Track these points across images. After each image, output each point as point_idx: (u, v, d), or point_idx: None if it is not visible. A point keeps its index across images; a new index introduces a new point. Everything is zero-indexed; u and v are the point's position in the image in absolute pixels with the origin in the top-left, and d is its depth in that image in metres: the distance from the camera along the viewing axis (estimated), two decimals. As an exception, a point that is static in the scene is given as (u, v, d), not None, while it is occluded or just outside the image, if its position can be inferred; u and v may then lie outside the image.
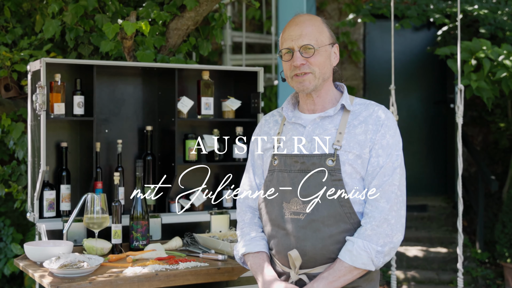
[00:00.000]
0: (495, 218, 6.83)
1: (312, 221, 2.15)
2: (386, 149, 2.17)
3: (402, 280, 6.21)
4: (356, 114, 2.24)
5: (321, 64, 2.22)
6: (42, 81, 3.07)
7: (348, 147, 2.17)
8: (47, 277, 2.54)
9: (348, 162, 2.16)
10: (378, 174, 2.15)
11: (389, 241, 2.13)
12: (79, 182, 3.35)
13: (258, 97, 3.54)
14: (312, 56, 2.20)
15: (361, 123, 2.21)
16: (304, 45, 2.20)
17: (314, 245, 2.15)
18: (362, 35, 7.92)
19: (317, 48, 2.21)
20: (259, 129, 2.43)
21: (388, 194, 2.15)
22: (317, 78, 2.22)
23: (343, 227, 2.15)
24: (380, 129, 2.19)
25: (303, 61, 2.21)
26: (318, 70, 2.22)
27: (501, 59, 5.23)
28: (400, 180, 2.18)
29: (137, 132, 3.49)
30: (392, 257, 2.16)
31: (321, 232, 2.15)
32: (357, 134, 2.19)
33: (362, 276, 2.17)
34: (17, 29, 4.15)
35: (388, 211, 2.14)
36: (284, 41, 2.25)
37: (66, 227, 2.99)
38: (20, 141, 4.06)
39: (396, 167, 2.17)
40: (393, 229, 2.14)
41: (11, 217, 5.40)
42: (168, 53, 3.84)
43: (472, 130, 7.75)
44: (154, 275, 2.59)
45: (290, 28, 2.25)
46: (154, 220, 3.31)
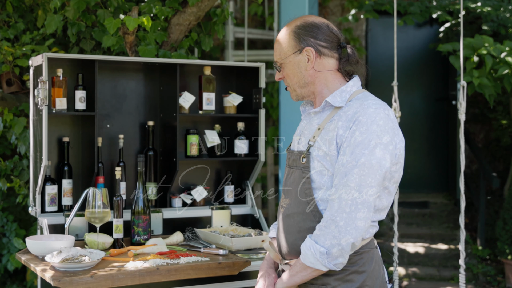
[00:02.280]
0: (496, 215, 6.83)
1: (287, 216, 2.24)
2: (352, 147, 2.07)
3: (403, 276, 6.22)
4: (344, 110, 2.16)
5: (290, 75, 2.28)
6: (44, 76, 3.07)
7: (319, 143, 2.16)
8: (48, 271, 2.55)
9: (318, 159, 2.15)
10: (339, 173, 2.08)
11: (336, 243, 2.04)
12: (81, 177, 3.36)
13: (260, 93, 3.54)
14: (282, 71, 2.30)
15: (341, 117, 2.14)
16: (275, 61, 2.31)
17: (286, 238, 2.24)
18: (364, 31, 7.91)
19: (281, 63, 2.29)
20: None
21: (340, 194, 2.06)
22: (294, 90, 2.30)
23: (309, 224, 2.16)
24: (351, 125, 2.09)
25: (280, 75, 2.32)
26: (291, 81, 2.29)
27: (504, 56, 5.23)
28: (360, 180, 2.04)
29: (139, 127, 3.50)
30: (346, 259, 2.08)
31: (291, 227, 2.22)
32: (329, 130, 2.15)
33: (334, 275, 2.13)
34: (19, 24, 4.16)
35: (337, 212, 2.05)
36: None
37: (68, 221, 3.00)
38: (22, 136, 4.07)
39: (354, 167, 2.05)
40: (341, 231, 2.04)
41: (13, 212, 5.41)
42: (170, 49, 3.85)
43: (474, 127, 7.74)
44: (155, 270, 2.60)
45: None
46: (156, 215, 3.31)
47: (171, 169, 3.41)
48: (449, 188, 7.67)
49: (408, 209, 7.18)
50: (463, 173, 3.92)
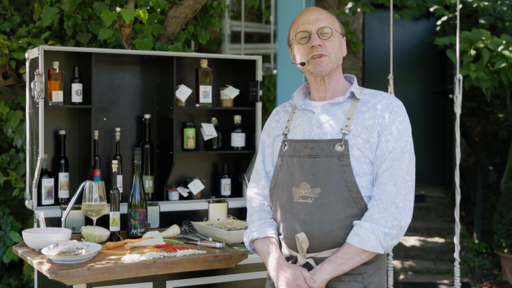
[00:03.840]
0: (493, 209, 6.84)
1: (320, 206, 2.18)
2: (395, 134, 2.19)
3: (399, 270, 6.23)
4: (365, 101, 2.27)
5: (336, 48, 2.27)
6: (40, 68, 3.06)
7: (356, 131, 2.20)
8: (45, 264, 2.55)
9: (357, 146, 2.19)
10: (387, 159, 2.17)
11: (396, 224, 2.14)
12: (78, 170, 3.35)
13: (257, 86, 3.54)
14: (328, 40, 2.26)
15: (370, 109, 2.24)
16: (322, 27, 2.25)
17: (321, 229, 2.17)
18: (361, 25, 7.90)
19: (333, 32, 2.26)
20: (270, 119, 2.48)
21: (396, 177, 2.16)
22: (332, 62, 2.26)
23: (350, 212, 2.17)
24: (389, 115, 2.21)
25: (320, 42, 2.25)
26: (334, 54, 2.27)
27: (501, 50, 5.23)
28: (409, 165, 2.19)
29: (135, 120, 3.49)
30: (399, 240, 2.17)
31: (328, 216, 2.17)
32: (366, 119, 2.21)
33: (371, 263, 2.19)
34: (15, 17, 4.14)
35: (396, 194, 2.14)
36: (300, 25, 2.29)
37: (65, 214, 2.99)
38: (18, 129, 4.06)
39: (405, 152, 2.19)
40: (401, 212, 2.14)
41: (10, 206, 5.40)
42: (167, 42, 3.84)
43: (470, 121, 7.75)
44: (152, 262, 2.60)
45: (305, 14, 2.30)
46: (152, 208, 3.31)
47: (168, 162, 3.40)
48: (446, 181, 7.68)
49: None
50: (458, 166, 3.93)
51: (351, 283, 2.17)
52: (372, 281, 2.20)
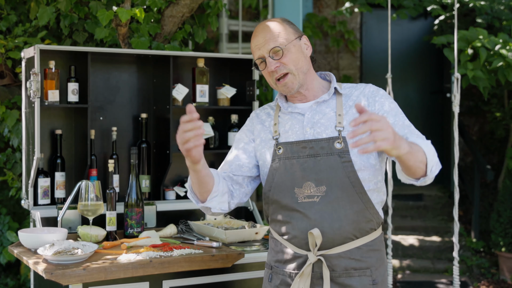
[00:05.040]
0: (491, 208, 6.85)
1: (328, 203, 2.19)
2: (390, 112, 2.23)
3: (397, 269, 6.23)
4: (348, 95, 2.29)
5: (294, 60, 2.24)
6: (36, 68, 3.05)
7: (349, 127, 2.20)
8: (41, 264, 2.54)
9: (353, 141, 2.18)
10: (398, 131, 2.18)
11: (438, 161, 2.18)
12: (74, 169, 3.34)
13: (253, 85, 3.53)
14: (282, 57, 2.23)
15: (356, 102, 2.25)
16: (271, 48, 2.23)
17: (332, 225, 2.18)
18: (359, 24, 7.90)
19: (283, 47, 2.23)
20: (250, 121, 2.44)
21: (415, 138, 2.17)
22: (297, 76, 2.25)
23: (356, 207, 2.19)
24: (376, 99, 2.25)
25: (276, 63, 2.23)
26: (294, 67, 2.24)
27: (498, 49, 5.23)
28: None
29: (132, 120, 3.48)
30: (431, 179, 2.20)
31: (337, 213, 2.18)
32: (355, 113, 2.22)
33: (376, 256, 2.24)
34: (12, 16, 4.13)
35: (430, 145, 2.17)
36: (254, 52, 2.29)
37: (61, 214, 2.98)
38: (14, 128, 4.05)
39: (407, 124, 2.22)
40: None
41: (7, 206, 5.39)
42: (163, 41, 3.83)
43: (468, 120, 7.75)
44: (148, 262, 2.59)
45: (254, 39, 2.28)
46: (149, 207, 3.30)
47: (165, 162, 3.39)
48: (444, 180, 7.68)
49: (402, 202, 7.19)
50: (457, 165, 3.92)
51: (361, 278, 2.20)
52: (378, 274, 2.24)
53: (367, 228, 2.23)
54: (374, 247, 2.24)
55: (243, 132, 2.43)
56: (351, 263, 2.20)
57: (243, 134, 2.42)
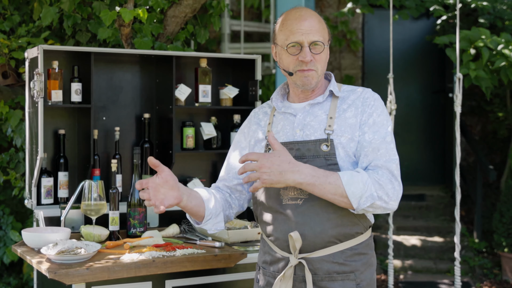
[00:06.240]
0: (493, 208, 6.84)
1: (311, 206, 2.17)
2: (372, 127, 2.18)
3: (399, 269, 6.23)
4: (345, 98, 2.26)
5: (323, 62, 2.24)
6: (39, 68, 3.06)
7: (340, 131, 2.19)
8: (44, 263, 2.55)
9: (341, 145, 2.18)
10: (365, 150, 2.15)
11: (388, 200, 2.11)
12: (77, 169, 3.35)
13: (256, 85, 3.54)
14: (319, 54, 2.21)
15: (350, 106, 2.23)
16: (315, 41, 2.19)
17: (313, 228, 2.16)
18: (361, 24, 7.90)
19: (325, 46, 2.22)
20: (248, 121, 2.44)
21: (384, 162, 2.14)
22: (318, 75, 2.23)
23: (341, 211, 2.15)
24: (366, 110, 2.21)
25: (312, 57, 2.20)
26: (320, 68, 2.23)
27: (500, 48, 5.23)
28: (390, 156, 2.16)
29: (135, 120, 3.49)
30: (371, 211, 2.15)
31: (319, 216, 2.16)
32: (348, 118, 2.21)
33: (361, 260, 2.20)
34: (15, 16, 4.14)
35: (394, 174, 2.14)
36: (291, 34, 2.20)
37: (64, 214, 2.99)
38: (18, 128, 4.06)
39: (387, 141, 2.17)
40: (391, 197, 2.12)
41: (10, 205, 5.40)
42: (166, 41, 3.84)
43: (470, 120, 7.75)
44: (151, 262, 2.60)
45: (298, 21, 2.21)
46: (152, 207, 3.31)
47: (167, 162, 3.40)
48: (446, 180, 7.68)
49: (404, 202, 7.18)
50: (459, 165, 3.93)
51: (345, 282, 2.17)
52: (364, 278, 2.20)
53: (353, 232, 2.19)
54: (359, 251, 2.21)
55: (242, 134, 2.44)
56: (333, 267, 2.17)
57: (242, 136, 2.43)
